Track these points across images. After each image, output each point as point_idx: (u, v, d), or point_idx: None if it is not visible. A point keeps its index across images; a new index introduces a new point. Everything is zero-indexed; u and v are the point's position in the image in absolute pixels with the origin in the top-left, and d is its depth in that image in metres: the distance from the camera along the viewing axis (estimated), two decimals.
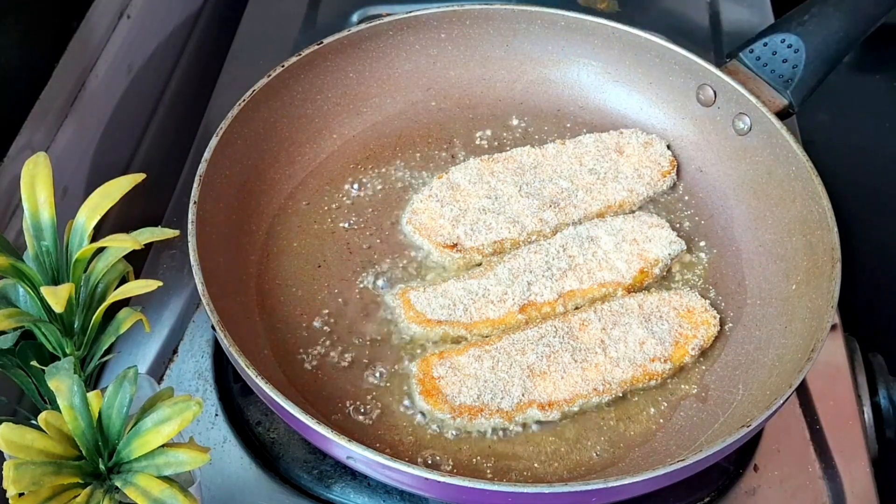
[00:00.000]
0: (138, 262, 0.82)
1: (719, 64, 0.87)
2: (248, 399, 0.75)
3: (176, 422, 0.49)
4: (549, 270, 0.77)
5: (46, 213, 0.55)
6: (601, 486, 0.58)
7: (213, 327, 0.66)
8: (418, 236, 0.81)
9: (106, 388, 0.51)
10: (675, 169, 0.87)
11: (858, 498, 0.72)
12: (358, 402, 0.71)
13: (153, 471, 0.49)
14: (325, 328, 0.75)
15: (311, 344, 0.74)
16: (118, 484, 0.49)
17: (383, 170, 0.87)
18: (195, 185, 0.72)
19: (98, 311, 0.55)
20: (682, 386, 0.73)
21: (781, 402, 0.63)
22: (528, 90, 0.93)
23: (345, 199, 0.84)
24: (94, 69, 0.90)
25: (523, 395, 0.70)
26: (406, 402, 0.71)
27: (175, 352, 0.79)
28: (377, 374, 0.72)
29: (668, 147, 0.88)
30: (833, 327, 0.77)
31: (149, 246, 0.82)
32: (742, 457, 0.73)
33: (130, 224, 0.61)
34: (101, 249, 0.55)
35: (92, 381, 0.58)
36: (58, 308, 0.49)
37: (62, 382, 0.49)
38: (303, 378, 0.72)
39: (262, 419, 0.74)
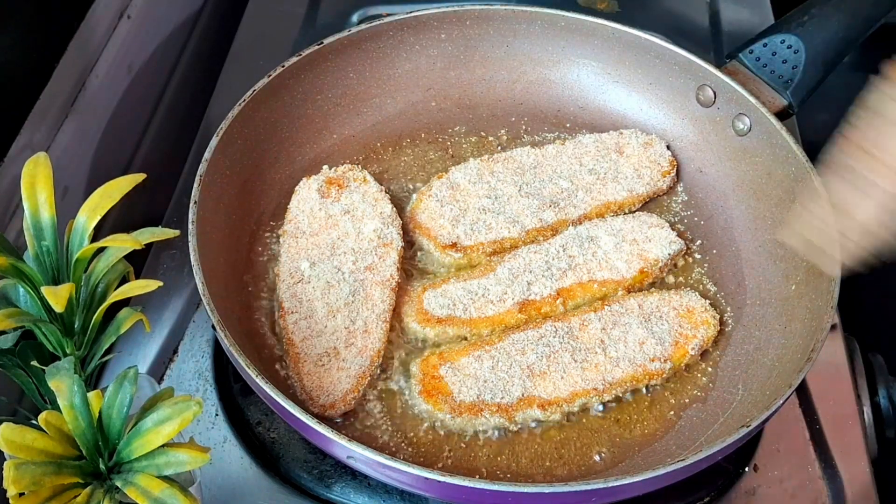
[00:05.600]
0: (138, 262, 0.82)
1: (719, 64, 0.87)
2: (248, 399, 0.75)
3: (176, 422, 0.49)
4: (548, 270, 0.77)
5: (47, 213, 0.55)
6: (601, 486, 0.58)
7: (213, 327, 0.66)
8: (418, 236, 0.81)
9: (106, 388, 0.51)
10: (675, 169, 0.87)
11: (858, 498, 0.72)
12: (358, 402, 0.71)
13: (153, 471, 0.49)
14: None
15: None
16: (118, 484, 0.49)
17: (383, 169, 0.87)
18: (195, 185, 0.72)
19: (98, 311, 0.55)
20: (683, 386, 0.73)
21: (781, 402, 0.63)
22: (528, 90, 0.93)
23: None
24: (94, 69, 0.90)
25: (523, 395, 0.70)
26: (406, 402, 0.71)
27: (175, 352, 0.79)
28: (377, 374, 0.72)
29: (668, 147, 0.88)
30: (833, 327, 0.77)
31: (149, 246, 0.82)
32: (742, 457, 0.73)
33: (131, 224, 0.61)
34: (101, 249, 0.55)
35: (92, 381, 0.58)
36: (58, 308, 0.49)
37: (62, 382, 0.49)
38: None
39: (262, 419, 0.74)
